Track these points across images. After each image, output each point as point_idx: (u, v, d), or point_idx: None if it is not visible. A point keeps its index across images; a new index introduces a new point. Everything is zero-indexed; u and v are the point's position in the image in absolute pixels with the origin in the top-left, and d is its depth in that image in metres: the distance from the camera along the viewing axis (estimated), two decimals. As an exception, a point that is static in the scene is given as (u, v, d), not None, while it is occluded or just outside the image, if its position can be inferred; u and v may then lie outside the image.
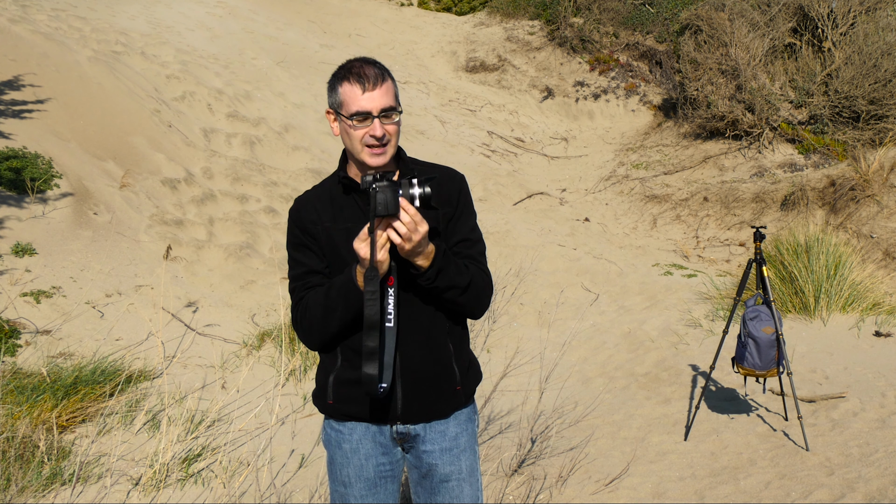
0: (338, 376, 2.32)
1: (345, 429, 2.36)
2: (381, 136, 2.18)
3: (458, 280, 2.20)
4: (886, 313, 6.52)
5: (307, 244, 2.31)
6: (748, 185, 10.35)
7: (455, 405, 2.36)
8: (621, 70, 14.30)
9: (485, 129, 13.06)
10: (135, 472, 4.22)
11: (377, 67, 2.22)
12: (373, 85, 2.17)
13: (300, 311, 2.28)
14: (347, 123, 2.19)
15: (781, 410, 4.94)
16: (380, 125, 2.18)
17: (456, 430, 2.36)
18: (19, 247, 6.34)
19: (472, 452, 2.41)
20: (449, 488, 2.36)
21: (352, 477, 2.36)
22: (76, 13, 11.89)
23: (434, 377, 2.30)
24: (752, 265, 4.63)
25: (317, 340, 2.30)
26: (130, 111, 9.22)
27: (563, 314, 7.34)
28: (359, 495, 2.36)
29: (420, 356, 2.28)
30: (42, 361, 5.23)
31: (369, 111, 2.17)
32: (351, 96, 2.18)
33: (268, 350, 6.07)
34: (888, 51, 10.37)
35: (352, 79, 2.19)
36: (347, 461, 2.36)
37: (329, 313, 2.21)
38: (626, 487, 4.16)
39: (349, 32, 16.08)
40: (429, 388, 2.30)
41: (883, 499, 3.72)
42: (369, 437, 2.34)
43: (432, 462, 2.34)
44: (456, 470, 2.36)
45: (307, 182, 9.32)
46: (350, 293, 2.17)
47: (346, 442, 2.36)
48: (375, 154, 2.20)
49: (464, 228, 2.33)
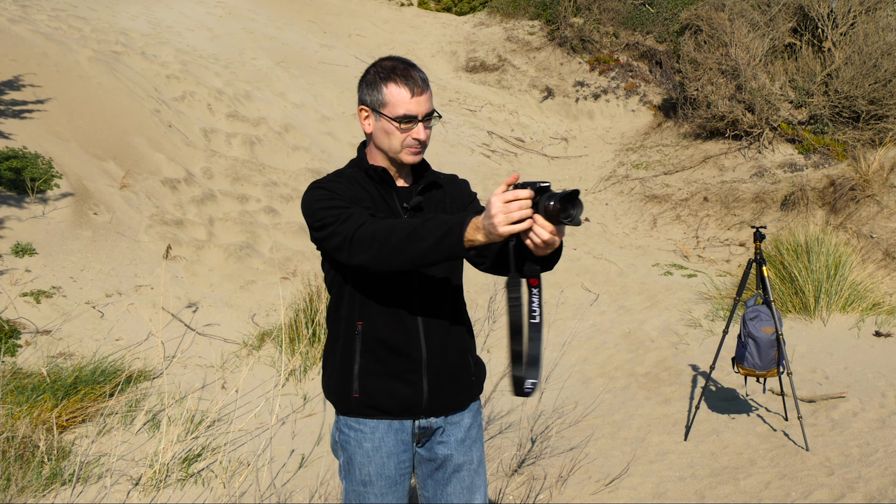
0: (363, 368, 2.29)
1: (366, 427, 2.32)
2: (425, 139, 2.24)
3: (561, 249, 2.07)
4: (886, 313, 6.52)
5: (344, 195, 2.20)
6: (748, 185, 10.35)
7: (471, 396, 2.41)
8: (621, 70, 14.29)
9: (485, 129, 13.06)
10: (135, 472, 4.22)
11: (421, 72, 2.25)
12: (421, 90, 2.20)
13: (374, 226, 2.05)
14: (393, 125, 2.21)
15: (781, 410, 4.94)
16: (423, 129, 2.23)
17: (469, 421, 2.41)
18: (19, 247, 6.34)
19: (481, 443, 2.47)
20: (461, 477, 2.39)
21: (373, 475, 2.34)
22: (76, 13, 11.89)
23: (456, 369, 2.35)
24: (752, 265, 4.63)
25: (385, 258, 2.02)
26: (130, 111, 9.22)
27: (563, 314, 7.34)
28: (379, 493, 2.34)
29: (443, 349, 2.31)
30: (42, 361, 5.23)
31: (416, 115, 2.20)
32: (399, 99, 2.19)
33: (268, 350, 6.08)
34: (888, 51, 10.36)
35: (399, 81, 2.20)
36: (369, 460, 2.33)
37: (415, 240, 1.97)
38: (626, 487, 4.16)
39: (349, 32, 16.08)
40: (452, 381, 2.34)
41: (883, 499, 3.72)
42: (391, 435, 2.32)
43: (448, 453, 2.37)
44: (468, 460, 2.40)
45: (307, 182, 9.32)
46: (450, 236, 1.93)
47: (367, 441, 2.32)
48: (414, 153, 2.25)
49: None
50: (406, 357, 2.28)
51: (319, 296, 5.96)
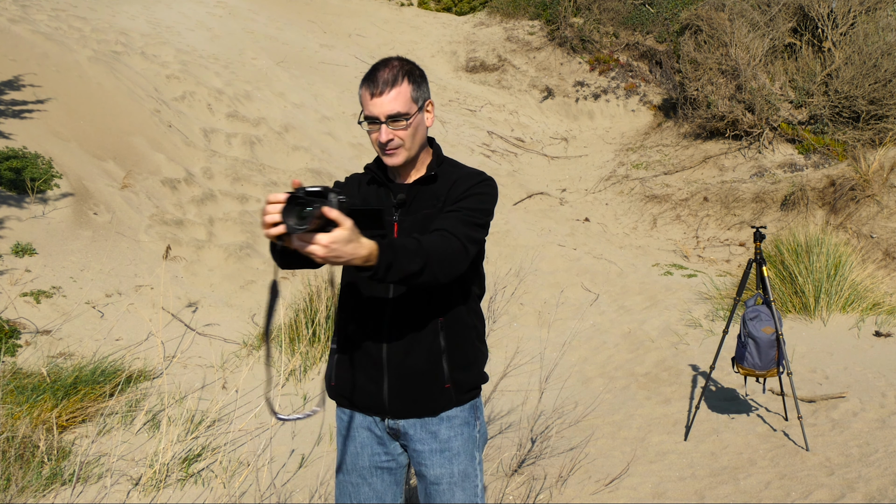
0: (340, 358, 2.36)
1: (345, 416, 2.39)
2: (386, 142, 2.21)
3: (411, 267, 2.01)
4: (886, 313, 6.52)
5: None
6: (748, 185, 10.35)
7: (444, 404, 2.30)
8: (621, 70, 14.29)
9: (485, 129, 13.06)
10: (135, 472, 4.22)
11: (393, 70, 2.20)
12: (380, 91, 2.18)
13: None
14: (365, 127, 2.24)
15: (781, 410, 4.94)
16: (387, 131, 2.19)
17: (448, 433, 2.31)
18: (19, 247, 6.34)
19: (467, 457, 2.34)
20: (440, 491, 2.32)
21: (348, 464, 2.39)
22: (76, 13, 11.89)
23: (420, 373, 2.27)
24: (752, 265, 4.63)
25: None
26: (130, 111, 9.22)
27: (563, 314, 7.34)
28: (354, 483, 2.38)
29: (406, 351, 2.26)
30: (42, 361, 5.23)
31: (377, 117, 2.19)
32: (364, 101, 2.22)
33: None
34: (888, 51, 10.36)
35: (365, 82, 2.22)
36: (345, 448, 2.39)
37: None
38: (626, 487, 4.16)
39: (349, 32, 16.08)
40: (415, 384, 2.27)
41: (883, 499, 3.72)
42: (365, 427, 2.36)
43: (423, 462, 2.33)
44: (447, 473, 2.31)
45: (307, 182, 9.33)
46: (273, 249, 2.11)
47: (344, 429, 2.39)
48: (388, 155, 2.24)
49: (461, 204, 2.22)
50: (369, 354, 2.29)
51: (319, 296, 5.96)
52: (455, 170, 2.35)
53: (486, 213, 2.26)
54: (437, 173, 2.31)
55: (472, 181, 2.29)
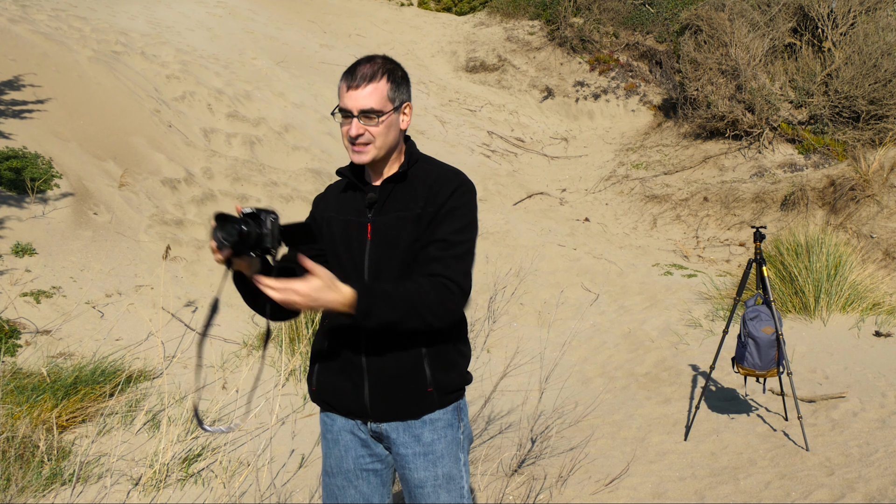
0: (321, 363, 2.35)
1: (328, 419, 2.38)
2: (356, 136, 2.18)
3: (391, 316, 2.06)
4: (886, 313, 6.52)
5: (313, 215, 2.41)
6: (748, 185, 10.35)
7: (426, 407, 2.27)
8: (621, 70, 14.29)
9: (485, 129, 13.06)
10: (135, 472, 4.22)
11: (374, 67, 2.19)
12: (357, 84, 2.17)
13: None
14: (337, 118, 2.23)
15: (781, 410, 4.94)
16: (357, 125, 2.17)
17: (432, 436, 2.29)
18: (19, 247, 6.34)
19: (451, 459, 2.31)
20: (424, 494, 2.30)
21: (333, 467, 2.38)
22: (76, 13, 11.89)
23: (400, 376, 2.24)
24: (752, 265, 4.63)
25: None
26: (130, 111, 9.22)
27: (563, 314, 7.34)
28: (339, 486, 2.37)
29: (387, 353, 2.23)
30: (42, 361, 5.23)
31: (350, 110, 2.18)
32: (340, 92, 2.21)
33: (268, 350, 6.08)
34: (888, 51, 10.36)
35: (345, 75, 2.21)
36: (329, 451, 2.38)
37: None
38: (626, 487, 4.16)
39: (349, 32, 16.08)
40: (395, 388, 2.25)
41: (883, 499, 3.72)
42: (348, 429, 2.35)
43: (406, 466, 2.30)
44: (431, 476, 2.29)
45: (307, 182, 9.33)
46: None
47: (329, 432, 2.38)
48: (356, 152, 2.22)
49: (445, 230, 2.19)
50: (349, 357, 2.27)
51: (319, 296, 5.95)
52: (430, 167, 2.31)
53: (472, 227, 2.25)
54: (409, 172, 2.28)
55: (452, 186, 2.23)
